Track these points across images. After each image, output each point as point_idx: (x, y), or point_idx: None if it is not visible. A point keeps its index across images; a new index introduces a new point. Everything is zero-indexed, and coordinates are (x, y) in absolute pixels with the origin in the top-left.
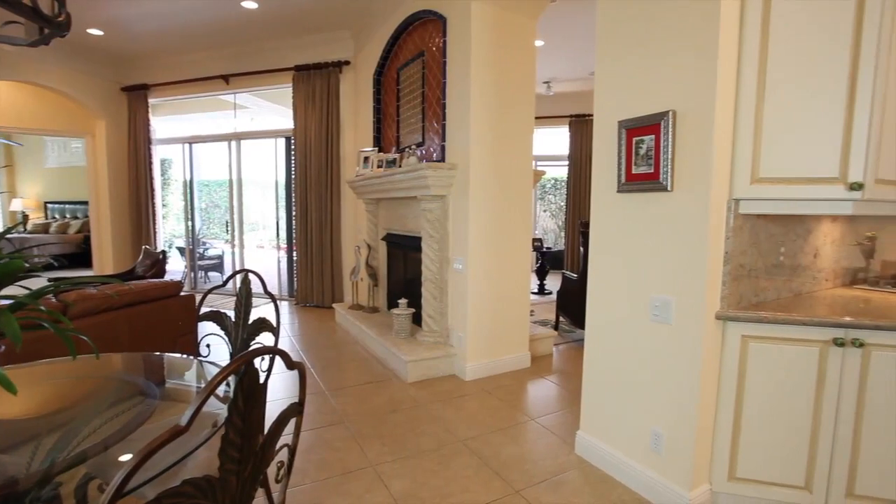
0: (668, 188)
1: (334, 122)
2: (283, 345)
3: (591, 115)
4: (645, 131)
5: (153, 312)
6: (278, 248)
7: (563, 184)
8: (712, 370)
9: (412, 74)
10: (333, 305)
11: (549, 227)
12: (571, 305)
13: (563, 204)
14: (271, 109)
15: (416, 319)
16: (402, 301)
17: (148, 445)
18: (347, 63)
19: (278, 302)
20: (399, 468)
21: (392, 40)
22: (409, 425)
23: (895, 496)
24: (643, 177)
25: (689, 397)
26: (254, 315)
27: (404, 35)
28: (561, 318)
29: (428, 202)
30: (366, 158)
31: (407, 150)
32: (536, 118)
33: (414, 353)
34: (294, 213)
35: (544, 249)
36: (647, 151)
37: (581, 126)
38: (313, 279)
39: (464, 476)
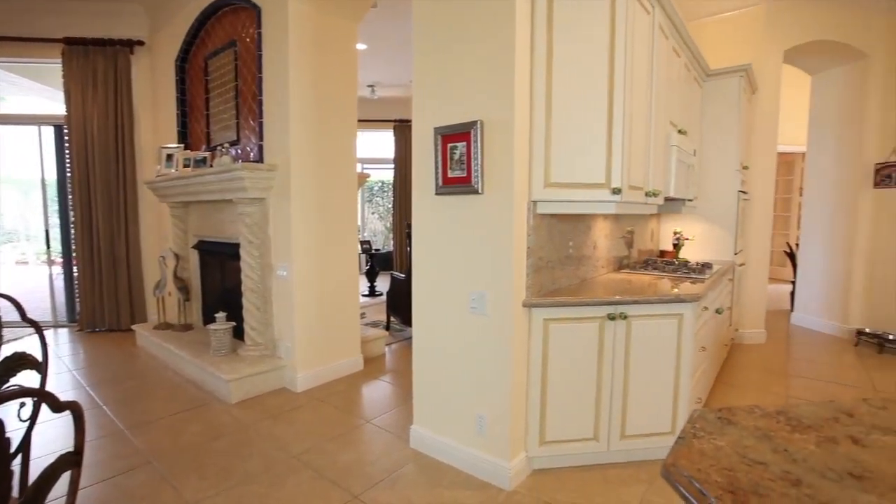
0: (480, 191)
1: (125, 112)
2: (61, 382)
3: None
4: (458, 138)
5: None
6: (51, 262)
7: (389, 186)
8: (523, 352)
9: (223, 65)
10: (133, 327)
11: (378, 229)
12: (401, 305)
13: (390, 206)
14: (31, 89)
15: (238, 333)
16: (221, 315)
17: None
18: (141, 43)
19: (53, 330)
20: (224, 501)
21: (198, 24)
22: (235, 450)
23: (653, 431)
24: (458, 180)
25: (505, 379)
26: (10, 350)
27: (213, 20)
28: (392, 318)
29: (245, 205)
30: (169, 156)
31: (219, 148)
32: (362, 121)
33: (236, 371)
34: (73, 220)
35: (373, 251)
36: (460, 157)
37: (405, 131)
38: (104, 298)
39: (299, 493)
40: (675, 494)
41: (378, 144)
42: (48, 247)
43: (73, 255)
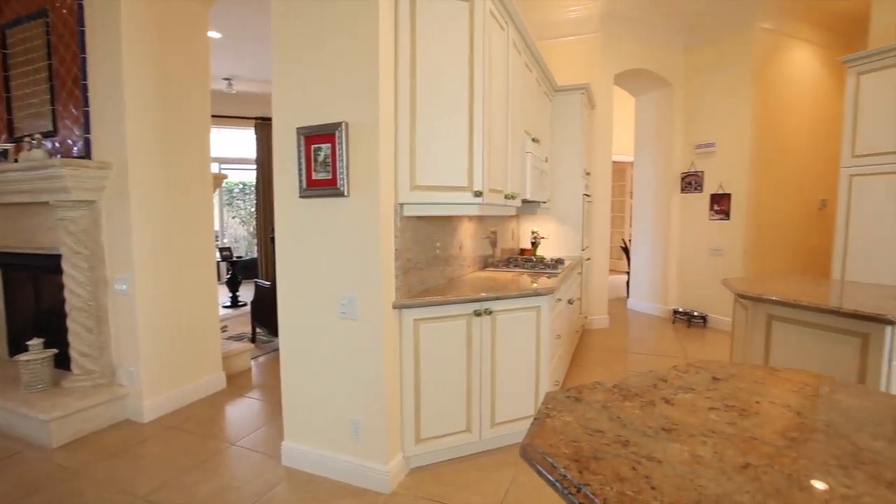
0: (346, 194)
1: None
2: None
3: None
4: (322, 139)
5: None
6: None
7: (251, 188)
8: (395, 354)
9: (30, 38)
10: None
11: (240, 234)
12: (267, 314)
13: (253, 209)
14: None
15: (63, 362)
16: (36, 341)
17: None
18: None
19: None
20: None
21: None
22: None
23: (519, 415)
24: (323, 183)
25: (379, 381)
26: None
27: None
28: (258, 329)
29: (68, 209)
30: None
31: (28, 139)
32: (218, 117)
33: (60, 407)
34: None
35: (235, 259)
36: (325, 159)
37: (267, 129)
38: None
39: None
40: None
41: (238, 143)
42: None
43: None
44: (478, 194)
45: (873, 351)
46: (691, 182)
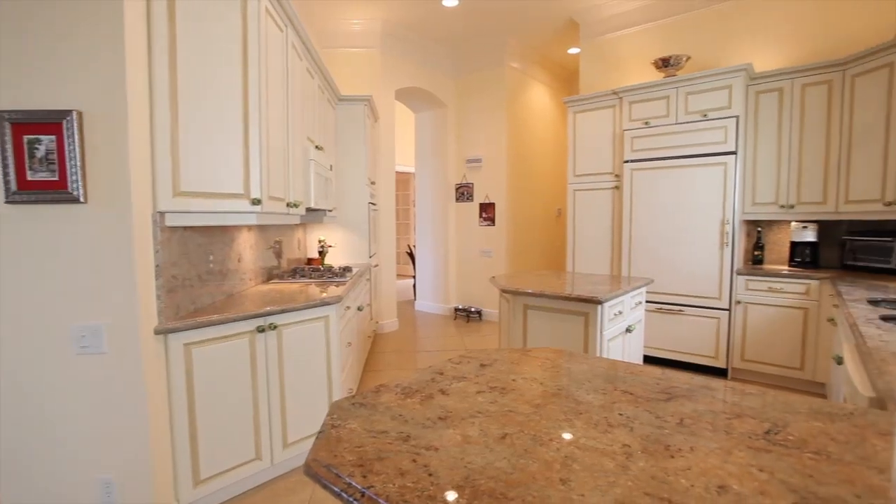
0: (82, 199)
1: None
2: None
3: None
4: (42, 130)
5: None
6: None
7: None
8: (160, 388)
9: None
10: None
11: None
12: None
13: None
14: None
15: None
16: None
17: None
18: None
19: None
20: None
21: None
22: None
23: (314, 431)
24: (45, 185)
25: (139, 426)
26: None
27: None
28: None
29: None
30: None
31: None
32: None
33: None
34: None
35: None
36: (47, 155)
37: None
38: None
39: None
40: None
41: None
42: None
43: None
44: (256, 202)
45: (591, 325)
46: (464, 192)
